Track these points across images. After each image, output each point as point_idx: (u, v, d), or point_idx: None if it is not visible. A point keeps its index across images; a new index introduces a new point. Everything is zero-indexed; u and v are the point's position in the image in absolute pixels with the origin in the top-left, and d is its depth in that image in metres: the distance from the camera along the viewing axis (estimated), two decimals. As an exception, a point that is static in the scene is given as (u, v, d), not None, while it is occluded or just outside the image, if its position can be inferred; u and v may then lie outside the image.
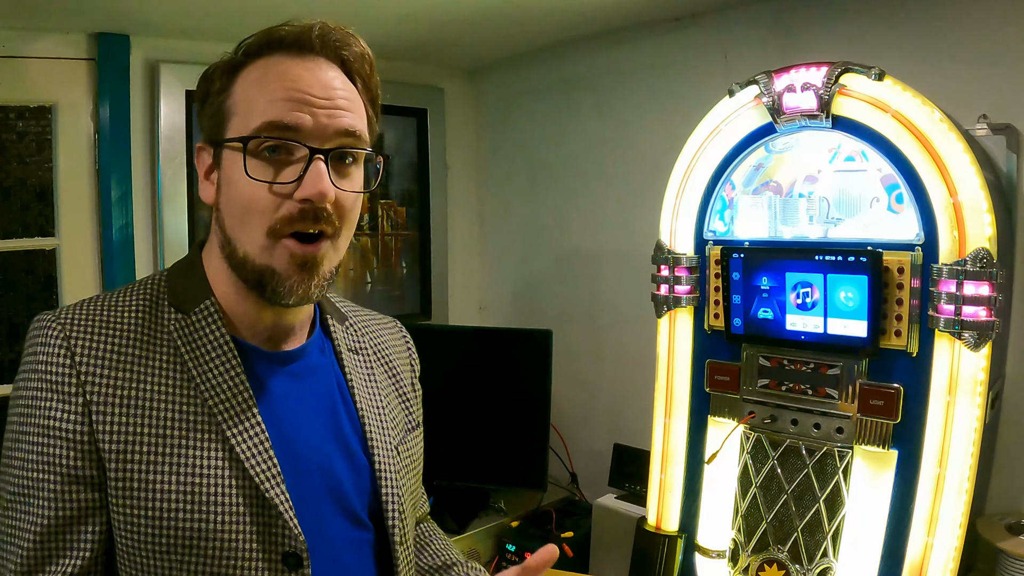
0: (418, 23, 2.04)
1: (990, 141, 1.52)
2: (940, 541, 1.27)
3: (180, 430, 0.80)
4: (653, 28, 2.16)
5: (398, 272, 2.66)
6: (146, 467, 0.78)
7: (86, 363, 0.79)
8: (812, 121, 1.39)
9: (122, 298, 0.85)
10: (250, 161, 0.79)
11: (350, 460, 0.91)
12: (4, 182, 1.96)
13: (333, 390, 0.94)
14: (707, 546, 1.59)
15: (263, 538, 0.80)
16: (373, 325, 1.06)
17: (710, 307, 1.57)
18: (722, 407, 1.56)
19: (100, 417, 0.78)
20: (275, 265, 0.81)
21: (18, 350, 2.09)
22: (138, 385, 0.80)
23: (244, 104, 0.81)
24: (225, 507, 0.79)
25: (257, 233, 0.80)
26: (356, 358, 0.98)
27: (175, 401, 0.80)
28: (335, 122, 0.81)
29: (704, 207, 1.57)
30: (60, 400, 0.78)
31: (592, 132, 2.38)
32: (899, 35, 1.71)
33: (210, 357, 0.83)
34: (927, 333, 1.30)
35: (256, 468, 0.81)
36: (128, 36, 2.04)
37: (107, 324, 0.82)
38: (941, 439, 1.27)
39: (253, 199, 0.80)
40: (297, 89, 0.80)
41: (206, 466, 0.79)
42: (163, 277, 0.89)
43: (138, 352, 0.81)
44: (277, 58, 0.82)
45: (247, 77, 0.82)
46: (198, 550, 0.78)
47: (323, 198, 0.79)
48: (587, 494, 2.32)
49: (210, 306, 0.85)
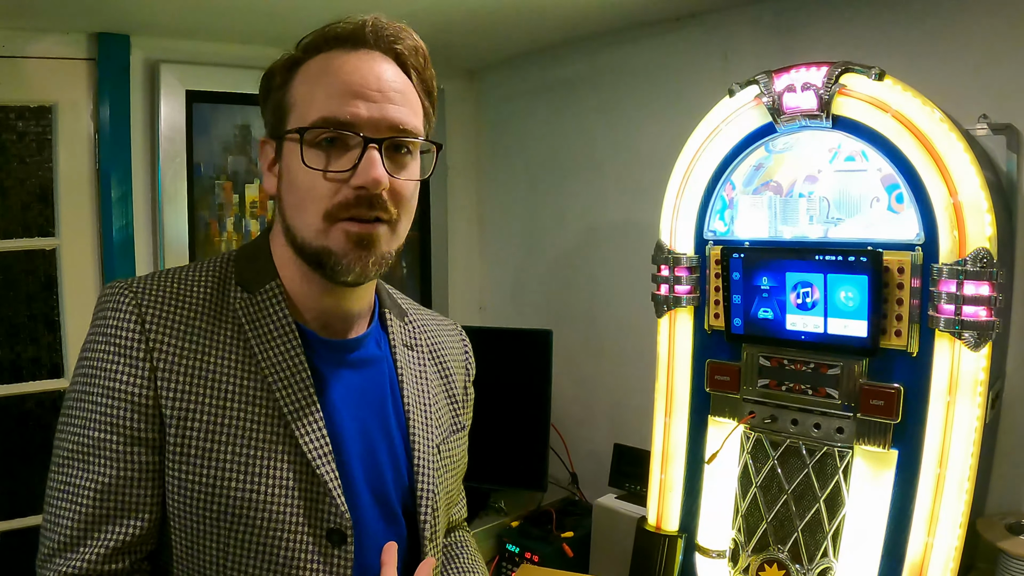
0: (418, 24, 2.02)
1: (990, 141, 1.52)
2: (940, 541, 1.27)
3: (240, 403, 0.83)
4: (653, 28, 2.16)
5: (398, 272, 2.67)
6: (204, 435, 0.81)
7: (155, 330, 0.82)
8: (812, 121, 1.39)
9: (192, 273, 0.89)
10: (307, 151, 0.82)
11: (392, 453, 0.94)
12: (4, 182, 1.96)
13: (384, 383, 0.96)
14: (707, 546, 1.59)
15: (310, 513, 0.83)
16: (432, 325, 1.08)
17: (710, 307, 1.57)
18: (722, 407, 1.56)
19: (165, 383, 0.81)
20: (331, 245, 0.83)
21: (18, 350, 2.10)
22: (203, 356, 0.83)
23: (303, 98, 0.84)
24: (276, 479, 0.82)
25: (314, 218, 0.83)
26: (410, 354, 1.00)
27: (237, 375, 0.84)
28: (387, 115, 0.83)
29: (704, 207, 1.57)
30: (128, 364, 0.81)
31: (592, 132, 2.38)
32: (899, 35, 1.71)
33: (272, 337, 0.86)
34: (927, 333, 1.30)
35: (309, 445, 0.84)
36: (128, 36, 2.05)
37: (177, 296, 0.85)
38: (941, 439, 1.27)
39: (310, 186, 0.83)
40: (352, 83, 0.83)
41: (261, 439, 0.82)
42: (231, 257, 0.92)
43: (204, 325, 0.85)
44: (334, 53, 0.85)
45: (306, 72, 0.86)
46: (247, 519, 0.81)
47: (377, 185, 0.81)
48: (587, 494, 2.32)
49: (275, 287, 0.89)
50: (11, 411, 2.01)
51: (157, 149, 2.12)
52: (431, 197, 2.69)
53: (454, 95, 2.74)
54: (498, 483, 2.25)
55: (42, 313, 2.04)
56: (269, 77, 0.89)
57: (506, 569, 2.08)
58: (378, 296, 1.01)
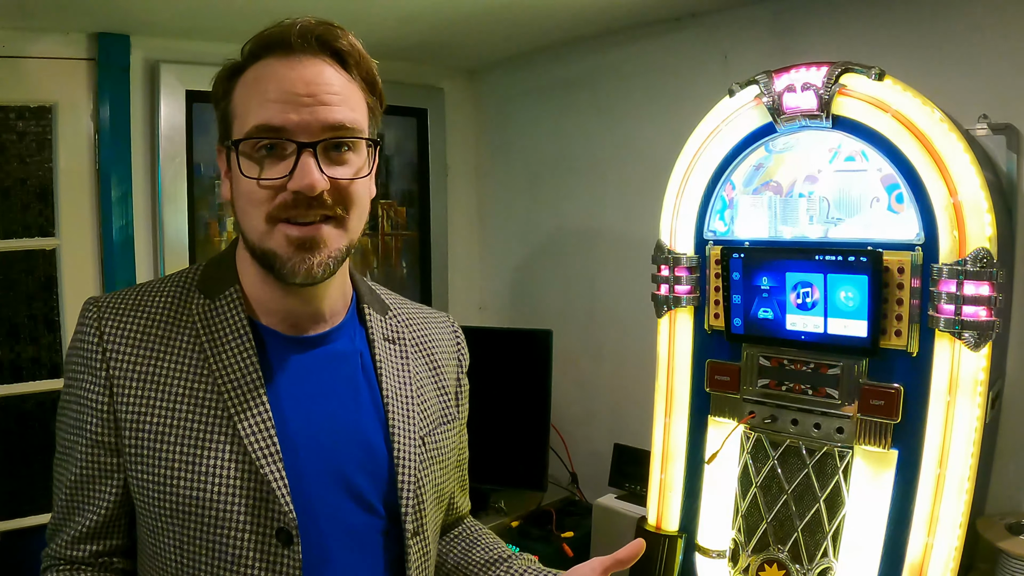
0: (419, 24, 2.04)
1: (990, 141, 1.52)
2: (940, 541, 1.27)
3: (189, 405, 0.86)
4: (653, 28, 2.16)
5: (398, 272, 2.67)
6: (155, 436, 0.86)
7: (112, 341, 0.88)
8: (812, 121, 1.39)
9: (158, 285, 0.94)
10: (244, 161, 0.85)
11: (366, 447, 0.93)
12: (4, 182, 1.97)
13: (356, 376, 0.96)
14: (707, 546, 1.59)
15: (258, 513, 0.85)
16: (419, 318, 1.08)
17: (710, 307, 1.57)
18: (722, 407, 1.56)
19: (120, 389, 0.87)
20: (275, 248, 0.86)
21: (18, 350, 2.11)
22: (156, 362, 0.88)
23: (241, 108, 0.87)
24: (222, 479, 0.84)
25: (257, 221, 0.86)
26: (391, 347, 1.00)
27: (187, 378, 0.88)
28: (320, 117, 0.84)
29: (704, 207, 1.57)
30: (89, 374, 0.88)
31: (592, 132, 2.38)
32: (899, 35, 1.71)
33: (225, 338, 0.89)
34: (927, 333, 1.30)
35: (255, 446, 0.85)
36: (128, 36, 2.05)
37: (136, 307, 0.91)
38: (941, 439, 1.27)
39: (251, 192, 0.85)
40: (282, 90, 0.84)
41: (208, 439, 0.85)
42: (200, 268, 0.97)
43: (161, 333, 0.89)
44: (268, 61, 0.86)
45: (243, 81, 0.88)
46: (196, 517, 0.84)
47: (312, 189, 0.83)
48: (587, 494, 2.32)
49: (233, 292, 0.92)
50: (11, 411, 2.01)
51: (157, 149, 2.12)
52: (431, 197, 2.69)
53: (454, 95, 2.73)
54: (498, 483, 2.25)
55: (42, 313, 2.04)
56: (214, 86, 0.91)
57: (506, 569, 2.08)
58: (357, 290, 1.01)
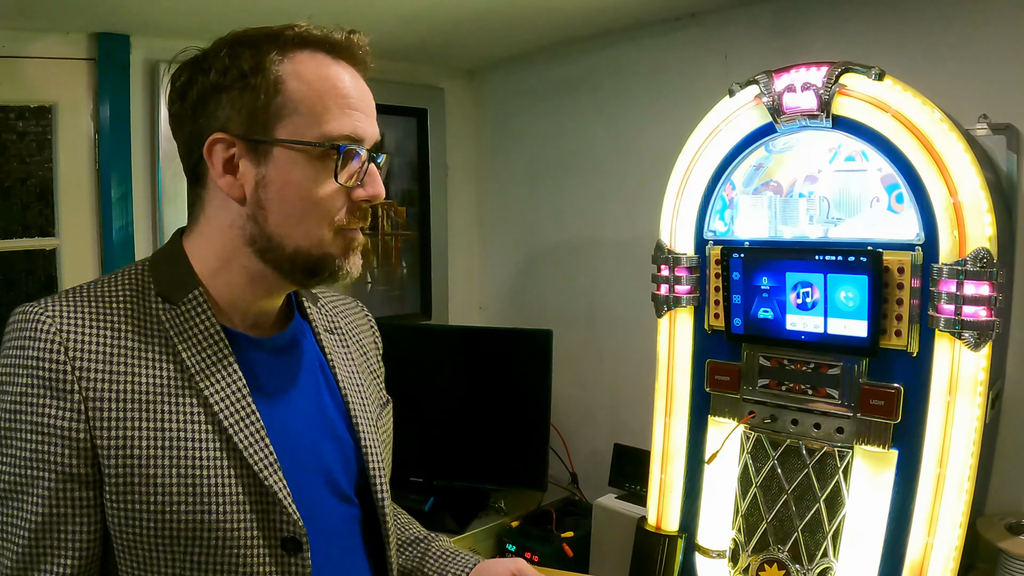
0: (419, 23, 2.04)
1: (990, 141, 1.52)
2: (940, 541, 1.27)
3: (178, 422, 0.80)
4: (653, 28, 2.16)
5: (398, 272, 2.66)
6: (146, 461, 0.78)
7: (80, 357, 0.77)
8: (812, 121, 1.39)
9: (108, 288, 0.84)
10: (320, 164, 0.83)
11: (335, 438, 0.94)
12: (4, 182, 1.96)
13: (317, 371, 0.96)
14: (707, 546, 1.59)
15: (263, 525, 0.82)
16: (340, 306, 1.08)
17: (710, 307, 1.57)
18: (722, 407, 1.56)
19: (97, 413, 0.77)
20: (335, 253, 0.86)
21: (18, 350, 2.10)
22: (133, 379, 0.79)
23: (308, 105, 0.82)
24: (226, 497, 0.80)
25: (319, 229, 0.84)
26: (333, 338, 1.01)
27: (171, 394, 0.80)
28: (376, 130, 0.88)
29: (704, 207, 1.57)
30: (55, 397, 0.76)
31: (592, 132, 2.38)
32: (899, 35, 1.71)
33: (203, 347, 0.83)
34: (927, 333, 1.30)
35: (254, 457, 0.82)
36: (128, 36, 2.04)
37: (98, 316, 0.80)
38: (941, 439, 1.27)
39: (320, 199, 0.83)
40: (360, 99, 0.86)
41: (205, 458, 0.80)
42: (145, 267, 0.88)
43: (131, 344, 0.80)
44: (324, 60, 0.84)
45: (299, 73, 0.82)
46: (201, 541, 0.79)
47: (379, 198, 0.87)
48: (587, 494, 2.32)
49: (199, 296, 0.85)
50: (11, 411, 2.01)
51: (157, 149, 2.11)
52: (431, 197, 2.69)
53: (454, 95, 2.73)
54: (498, 483, 2.25)
55: (42, 313, 2.04)
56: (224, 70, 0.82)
57: (506, 569, 2.08)
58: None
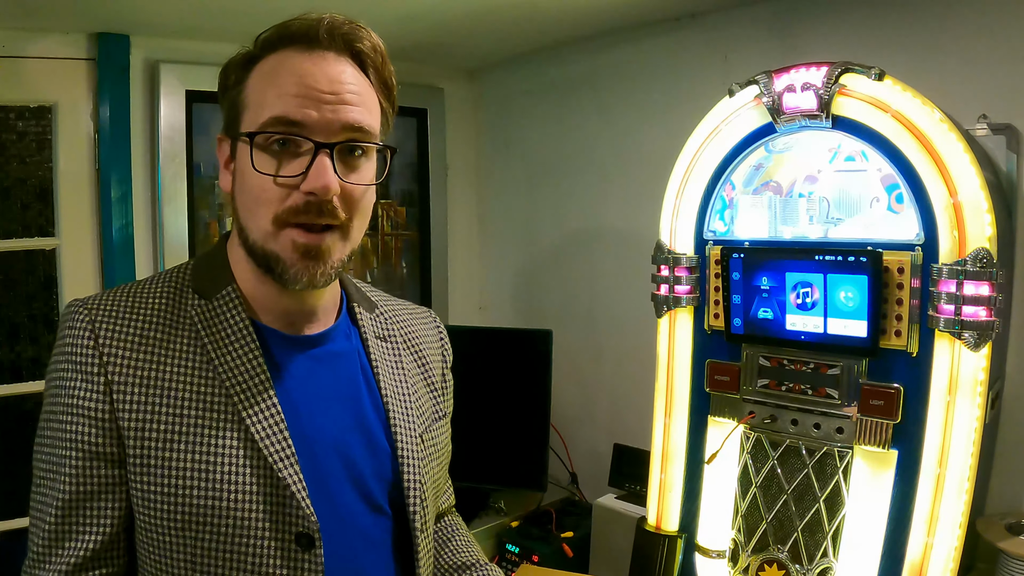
0: (418, 23, 2.04)
1: (990, 141, 1.52)
2: (940, 541, 1.27)
3: (197, 410, 0.82)
4: (653, 28, 2.16)
5: (398, 272, 2.66)
6: (163, 444, 0.80)
7: (109, 345, 0.82)
8: (812, 121, 1.39)
9: (149, 285, 0.89)
10: (257, 154, 0.82)
11: (371, 446, 0.92)
12: (4, 182, 1.96)
13: (357, 375, 0.95)
14: (707, 546, 1.59)
15: (276, 518, 0.82)
16: (404, 315, 1.08)
17: (710, 307, 1.57)
18: (722, 407, 1.56)
19: (121, 396, 0.81)
20: (280, 252, 0.83)
21: (18, 350, 2.10)
22: (158, 366, 0.82)
23: (255, 98, 0.83)
24: (238, 486, 0.80)
25: (263, 221, 0.83)
26: (383, 345, 0.99)
27: (193, 382, 0.83)
28: (341, 116, 0.81)
29: (704, 207, 1.57)
30: (84, 380, 0.81)
31: (592, 132, 2.38)
32: (899, 35, 1.71)
33: (229, 340, 0.85)
34: (927, 333, 1.30)
35: (270, 448, 0.82)
36: (128, 36, 2.05)
37: (131, 309, 0.85)
38: (941, 439, 1.27)
39: (261, 189, 0.82)
40: (304, 84, 0.81)
41: (221, 445, 0.81)
42: (189, 266, 0.92)
43: (160, 335, 0.84)
44: (288, 52, 0.83)
45: (260, 71, 0.84)
46: (211, 527, 0.79)
47: (327, 192, 0.80)
48: (587, 494, 2.32)
49: (231, 291, 0.88)
50: (11, 411, 2.01)
51: (157, 149, 2.12)
52: (431, 197, 2.68)
53: (454, 95, 2.73)
54: (498, 483, 2.25)
55: (42, 313, 2.04)
56: (225, 73, 0.88)
57: (506, 569, 2.08)
58: (345, 290, 1.00)
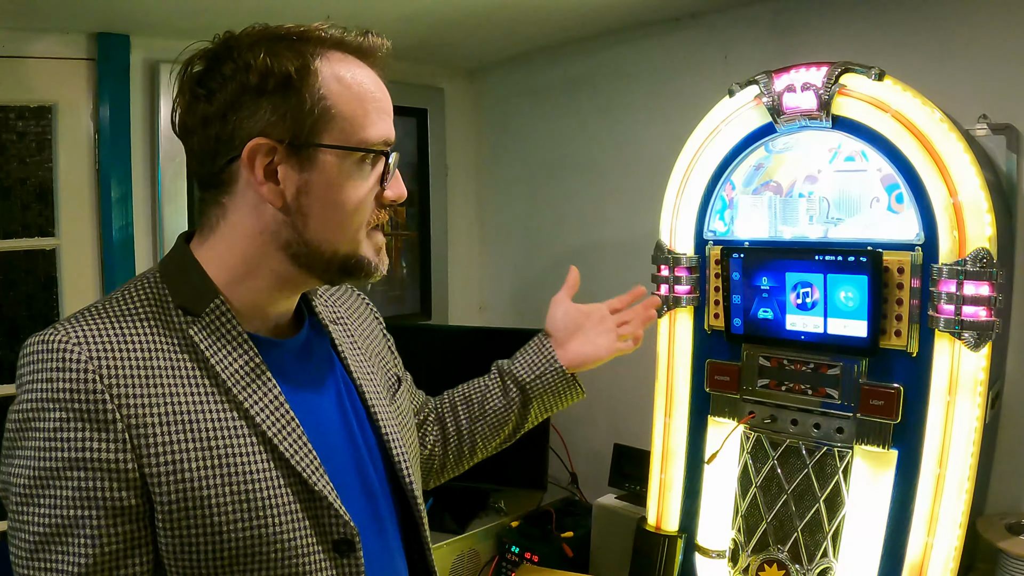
0: (418, 23, 2.04)
1: (990, 141, 1.52)
2: (940, 541, 1.27)
3: (224, 438, 0.78)
4: (653, 28, 2.16)
5: (398, 272, 2.66)
6: (199, 484, 0.75)
7: (116, 384, 0.74)
8: (812, 121, 1.39)
9: (127, 307, 0.80)
10: (358, 168, 0.85)
11: (361, 430, 0.94)
12: (4, 182, 1.96)
13: (335, 364, 0.96)
14: (707, 546, 1.59)
15: (316, 531, 0.82)
16: (336, 293, 1.08)
17: (710, 307, 1.57)
18: (722, 407, 1.56)
19: (142, 440, 0.74)
20: (367, 254, 0.88)
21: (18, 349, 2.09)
22: (172, 399, 0.76)
23: (349, 110, 0.82)
24: (279, 508, 0.79)
25: (358, 232, 0.86)
26: (338, 328, 1.00)
27: (211, 409, 0.78)
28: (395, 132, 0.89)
29: (704, 207, 1.57)
30: (97, 429, 0.72)
31: (592, 132, 2.38)
32: (899, 35, 1.71)
33: (233, 357, 0.82)
34: (927, 333, 1.30)
35: (301, 464, 0.81)
36: (128, 36, 2.04)
37: (124, 337, 0.77)
38: (941, 439, 1.27)
39: (361, 202, 0.85)
40: (386, 102, 0.88)
41: (256, 471, 0.79)
42: (156, 279, 0.84)
43: (162, 363, 0.77)
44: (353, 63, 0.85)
45: (338, 76, 0.82)
46: (261, 555, 0.78)
47: (404, 198, 0.90)
48: (587, 494, 2.31)
49: (221, 305, 0.83)
50: (11, 411, 2.01)
51: (157, 149, 2.11)
52: (431, 197, 2.68)
53: (454, 95, 2.73)
54: (498, 483, 2.24)
55: (42, 313, 2.04)
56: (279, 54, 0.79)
57: (506, 569, 2.08)
58: None
